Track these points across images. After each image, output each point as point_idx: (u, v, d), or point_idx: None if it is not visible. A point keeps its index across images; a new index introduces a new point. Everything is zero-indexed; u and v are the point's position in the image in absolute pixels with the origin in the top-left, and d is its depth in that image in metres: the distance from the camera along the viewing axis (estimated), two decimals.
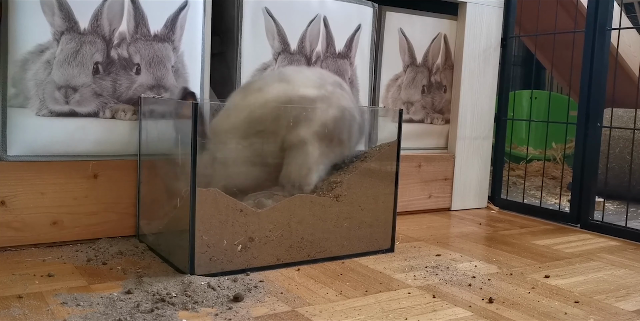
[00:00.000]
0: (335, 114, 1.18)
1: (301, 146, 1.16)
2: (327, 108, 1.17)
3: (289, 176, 1.18)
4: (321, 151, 1.17)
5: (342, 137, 1.20)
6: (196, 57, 1.33)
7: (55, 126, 1.19)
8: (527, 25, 2.13)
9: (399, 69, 1.69)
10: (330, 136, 1.18)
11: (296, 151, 1.17)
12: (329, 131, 1.17)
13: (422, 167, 1.72)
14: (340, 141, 1.20)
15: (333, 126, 1.17)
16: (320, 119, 1.17)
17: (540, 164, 2.49)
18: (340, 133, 1.19)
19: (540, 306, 0.98)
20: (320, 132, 1.17)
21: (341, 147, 1.21)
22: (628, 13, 2.72)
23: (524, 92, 2.75)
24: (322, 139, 1.17)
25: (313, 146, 1.17)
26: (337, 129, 1.18)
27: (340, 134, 1.19)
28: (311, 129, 1.16)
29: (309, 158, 1.16)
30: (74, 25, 1.18)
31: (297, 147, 1.16)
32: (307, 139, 1.16)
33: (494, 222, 1.66)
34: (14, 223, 1.16)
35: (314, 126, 1.16)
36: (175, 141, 1.14)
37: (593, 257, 1.31)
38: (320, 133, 1.17)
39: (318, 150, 1.17)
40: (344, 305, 0.95)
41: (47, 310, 0.87)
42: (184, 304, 0.90)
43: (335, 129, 1.18)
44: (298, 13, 1.46)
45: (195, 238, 1.03)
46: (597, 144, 1.59)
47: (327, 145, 1.18)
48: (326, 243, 1.18)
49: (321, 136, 1.17)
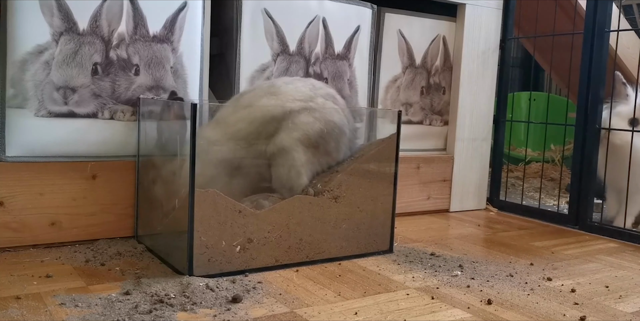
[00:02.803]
0: (321, 127, 1.17)
1: (284, 153, 1.16)
2: (314, 121, 1.17)
3: (280, 180, 1.18)
4: (307, 156, 1.17)
5: (328, 148, 1.19)
6: (195, 58, 1.33)
7: (54, 126, 1.19)
8: (526, 26, 2.13)
9: (398, 71, 1.69)
10: (315, 145, 1.17)
11: (280, 157, 1.16)
12: (312, 140, 1.16)
13: (421, 168, 1.72)
14: (327, 152, 1.19)
15: (317, 137, 1.17)
16: (303, 129, 1.16)
17: (538, 166, 2.49)
18: (326, 145, 1.18)
19: (538, 307, 0.98)
20: (303, 140, 1.16)
21: (328, 158, 1.21)
22: (627, 15, 2.72)
23: (522, 93, 2.75)
24: (307, 146, 1.17)
25: (297, 152, 1.16)
26: (322, 140, 1.17)
27: (326, 146, 1.18)
28: (293, 136, 1.16)
29: (296, 161, 1.16)
30: (73, 26, 1.18)
31: (280, 154, 1.16)
32: (290, 146, 1.16)
33: (493, 223, 1.66)
34: (12, 224, 1.15)
35: (295, 134, 1.16)
36: (173, 142, 1.14)
37: (592, 259, 1.31)
38: (303, 141, 1.16)
39: (304, 155, 1.17)
40: (343, 306, 0.95)
41: (46, 310, 0.87)
42: (183, 305, 0.90)
43: (320, 140, 1.17)
44: (297, 14, 1.46)
45: (194, 239, 1.03)
46: (595, 146, 1.59)
47: (313, 153, 1.18)
48: (325, 244, 1.18)
49: (305, 144, 1.16)
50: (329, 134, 1.18)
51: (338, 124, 1.20)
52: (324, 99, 1.21)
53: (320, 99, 1.20)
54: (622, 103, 1.57)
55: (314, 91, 1.21)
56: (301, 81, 1.24)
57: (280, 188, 1.18)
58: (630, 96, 1.56)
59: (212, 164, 1.16)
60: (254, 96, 1.21)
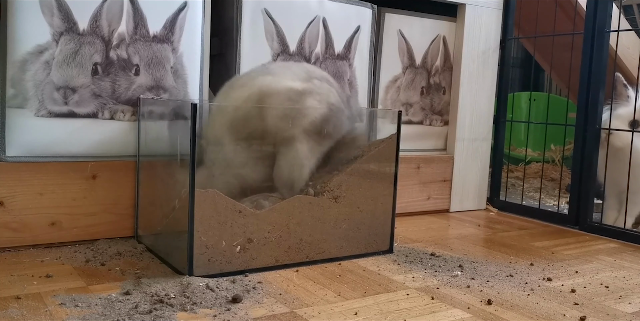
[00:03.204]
0: (324, 112, 1.16)
1: (290, 144, 1.15)
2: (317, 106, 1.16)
3: (281, 177, 1.17)
4: (310, 147, 1.16)
5: (330, 131, 1.18)
6: (195, 58, 1.33)
7: (54, 126, 1.19)
8: (526, 27, 2.13)
9: (398, 71, 1.69)
10: (319, 132, 1.17)
11: (285, 149, 1.15)
12: (317, 128, 1.16)
13: (421, 168, 1.72)
14: (328, 134, 1.19)
15: (321, 123, 1.16)
16: (309, 118, 1.15)
17: (539, 166, 2.49)
18: (328, 128, 1.18)
19: (538, 308, 0.98)
20: (309, 129, 1.15)
21: (330, 140, 1.20)
22: (627, 15, 2.72)
23: (522, 94, 2.75)
24: (311, 135, 1.16)
25: (301, 143, 1.15)
26: (325, 125, 1.17)
27: (329, 128, 1.18)
28: (300, 127, 1.15)
29: (299, 155, 1.15)
30: (73, 26, 1.18)
31: (285, 145, 1.15)
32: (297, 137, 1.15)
33: (493, 224, 1.66)
34: (12, 224, 1.15)
35: (303, 124, 1.15)
36: (174, 142, 1.14)
37: (592, 259, 1.31)
38: (309, 130, 1.15)
39: (307, 147, 1.16)
40: (343, 306, 0.95)
41: (46, 310, 0.87)
42: (183, 305, 0.90)
43: (324, 125, 1.17)
44: (297, 14, 1.46)
45: (194, 239, 1.03)
46: (595, 146, 1.59)
47: (316, 140, 1.17)
48: (325, 244, 1.18)
49: (311, 132, 1.16)
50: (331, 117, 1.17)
51: (337, 104, 1.20)
52: (320, 81, 1.21)
53: (316, 81, 1.20)
54: (622, 105, 1.57)
55: (308, 73, 1.21)
56: (296, 65, 1.25)
57: (281, 182, 1.17)
58: (631, 98, 1.56)
59: (220, 162, 1.16)
60: (249, 77, 1.21)
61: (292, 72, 1.20)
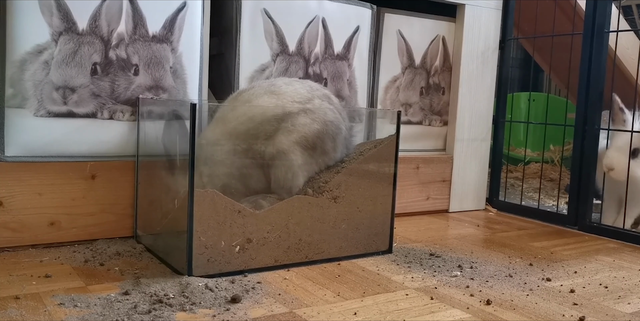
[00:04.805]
0: (318, 128, 1.18)
1: (282, 155, 1.16)
2: (311, 122, 1.17)
3: (278, 182, 1.18)
4: (304, 158, 1.18)
5: (325, 148, 1.20)
6: (194, 58, 1.33)
7: (53, 126, 1.19)
8: (525, 27, 2.13)
9: (398, 71, 1.69)
10: (313, 146, 1.18)
11: (278, 160, 1.17)
12: (310, 142, 1.17)
13: (420, 169, 1.72)
14: (324, 151, 1.20)
15: (314, 138, 1.17)
16: (301, 132, 1.17)
17: (538, 166, 2.49)
18: (323, 144, 1.19)
19: (538, 308, 0.98)
20: (300, 142, 1.17)
21: (325, 157, 1.21)
22: (626, 15, 2.72)
23: (522, 94, 2.75)
24: (305, 147, 1.17)
25: (295, 154, 1.17)
26: (319, 141, 1.18)
27: (323, 145, 1.19)
28: (291, 138, 1.16)
29: (294, 163, 1.16)
30: (72, 25, 1.18)
31: (278, 156, 1.17)
32: (288, 148, 1.16)
33: (492, 224, 1.66)
34: (11, 224, 1.15)
35: (294, 136, 1.16)
36: (173, 142, 1.14)
37: (591, 259, 1.31)
38: (301, 143, 1.17)
39: (301, 157, 1.17)
40: (342, 306, 0.95)
41: (45, 311, 0.87)
42: (182, 305, 0.90)
43: (318, 141, 1.18)
44: (296, 14, 1.46)
45: (193, 239, 1.03)
46: (595, 147, 1.59)
47: (310, 154, 1.18)
48: (324, 244, 1.18)
49: (303, 145, 1.17)
50: (326, 134, 1.19)
51: (335, 123, 1.21)
52: (321, 100, 1.22)
53: (317, 100, 1.21)
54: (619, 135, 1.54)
55: (311, 92, 1.22)
56: (299, 82, 1.25)
57: (278, 189, 1.18)
58: (627, 122, 1.54)
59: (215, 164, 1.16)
60: (253, 93, 1.21)
61: (295, 91, 1.21)
